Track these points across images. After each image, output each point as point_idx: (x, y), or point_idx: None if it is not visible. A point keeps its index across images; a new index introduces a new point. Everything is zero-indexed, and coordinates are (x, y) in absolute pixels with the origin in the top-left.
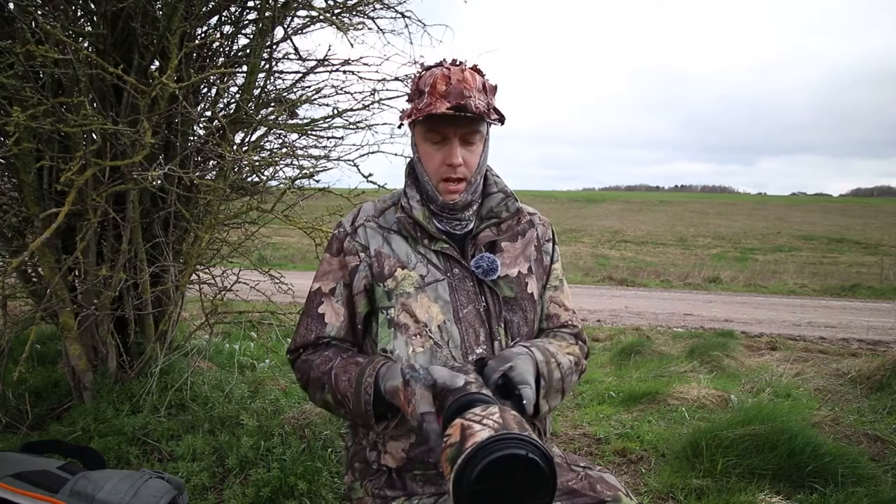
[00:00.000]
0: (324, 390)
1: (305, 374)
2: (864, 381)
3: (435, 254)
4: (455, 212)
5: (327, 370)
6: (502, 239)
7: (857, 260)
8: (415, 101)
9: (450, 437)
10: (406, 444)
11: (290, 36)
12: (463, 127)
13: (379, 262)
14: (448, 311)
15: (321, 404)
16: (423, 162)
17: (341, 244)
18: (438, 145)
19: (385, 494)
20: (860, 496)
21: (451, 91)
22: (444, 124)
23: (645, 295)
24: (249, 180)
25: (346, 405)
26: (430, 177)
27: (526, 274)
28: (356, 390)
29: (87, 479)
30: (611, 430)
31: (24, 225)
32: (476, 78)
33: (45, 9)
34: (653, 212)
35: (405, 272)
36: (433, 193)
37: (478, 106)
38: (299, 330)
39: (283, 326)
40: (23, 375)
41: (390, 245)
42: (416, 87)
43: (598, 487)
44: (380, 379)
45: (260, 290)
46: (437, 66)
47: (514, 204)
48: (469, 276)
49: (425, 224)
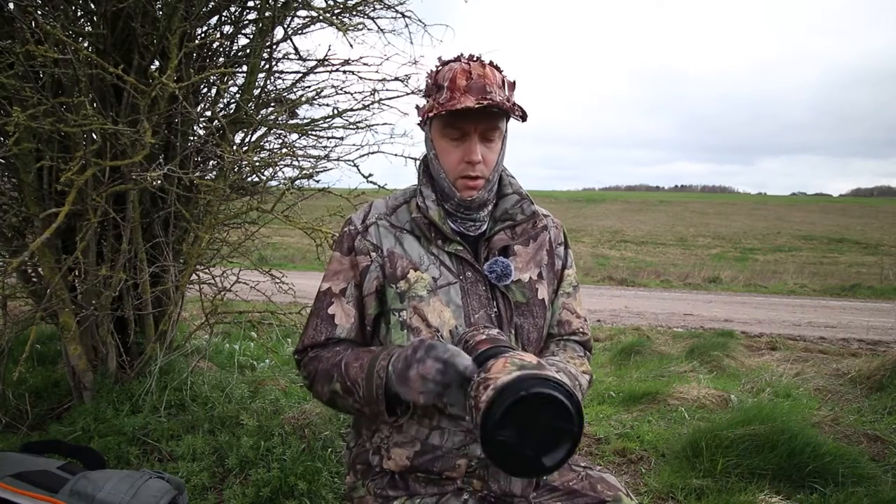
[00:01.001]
0: (332, 380)
1: (313, 369)
2: (864, 381)
3: (448, 255)
4: (470, 211)
5: (337, 361)
6: (516, 243)
7: (857, 260)
8: (433, 96)
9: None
10: (411, 451)
11: (290, 36)
12: (484, 123)
13: (391, 263)
14: (460, 316)
15: (327, 397)
16: (441, 159)
17: (352, 242)
18: (457, 142)
19: (387, 494)
20: (860, 496)
21: (472, 86)
22: (464, 120)
23: (645, 295)
24: (249, 180)
25: (355, 392)
26: (447, 174)
27: (536, 279)
28: (368, 374)
29: (87, 479)
30: (611, 430)
31: (24, 225)
32: (496, 73)
33: (44, 9)
34: (653, 212)
35: (418, 274)
36: (450, 191)
37: (503, 102)
38: (308, 330)
39: (284, 326)
40: (23, 375)
41: (402, 245)
42: (433, 82)
43: (598, 487)
44: (394, 361)
45: (260, 290)
46: (455, 61)
47: (529, 207)
48: (482, 279)
49: (440, 224)
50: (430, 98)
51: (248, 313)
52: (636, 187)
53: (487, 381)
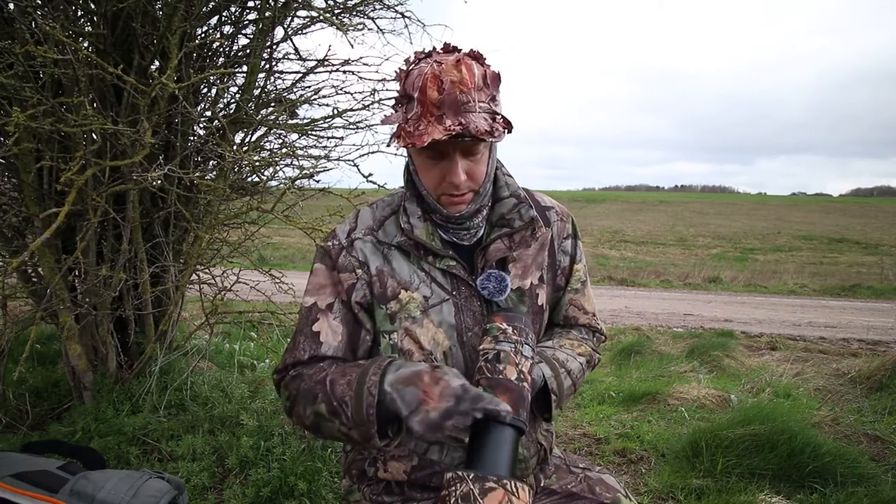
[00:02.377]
0: (315, 400)
1: (294, 389)
2: (864, 381)
3: (440, 272)
4: (462, 220)
5: (321, 378)
6: (515, 250)
7: (857, 260)
8: (403, 108)
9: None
10: (408, 465)
11: (290, 36)
12: (463, 142)
13: (381, 282)
14: (453, 336)
15: (310, 421)
16: (421, 175)
17: (336, 259)
18: (435, 161)
19: (382, 500)
20: (860, 496)
21: (445, 100)
22: (440, 142)
23: (645, 295)
24: (249, 180)
25: (342, 413)
26: (429, 191)
27: (537, 284)
28: (357, 392)
29: (87, 479)
30: (611, 430)
31: (24, 225)
32: (474, 70)
33: (44, 9)
34: (653, 212)
35: (408, 294)
36: (435, 206)
37: (478, 127)
38: (291, 349)
39: (283, 326)
40: (23, 375)
41: (391, 264)
42: (402, 90)
43: (597, 489)
44: (387, 373)
45: (260, 290)
46: (425, 59)
47: (528, 212)
48: (476, 295)
49: (429, 243)
50: (401, 109)
51: (248, 313)
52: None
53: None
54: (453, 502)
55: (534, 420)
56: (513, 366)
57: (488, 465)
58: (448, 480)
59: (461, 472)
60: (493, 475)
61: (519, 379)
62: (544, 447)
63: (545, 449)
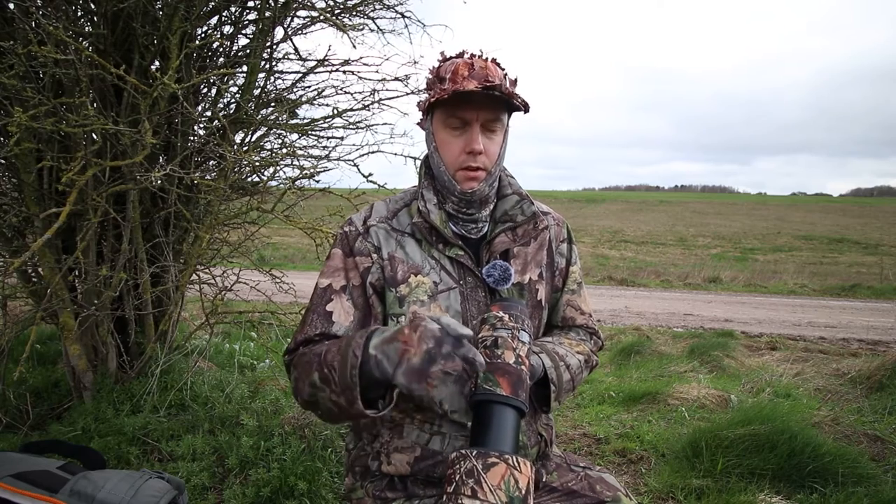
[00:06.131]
0: (311, 371)
1: (298, 367)
2: (864, 381)
3: (449, 260)
4: (472, 207)
5: (319, 350)
6: (517, 245)
7: (857, 260)
8: (435, 89)
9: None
10: (411, 457)
11: (290, 36)
12: (486, 111)
13: (392, 266)
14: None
15: (308, 393)
16: (442, 151)
17: (353, 243)
18: (459, 131)
19: (386, 496)
20: (860, 496)
21: (475, 75)
22: (466, 108)
23: (645, 295)
24: (250, 180)
25: (331, 380)
26: (447, 166)
27: (537, 280)
28: (343, 355)
29: (87, 479)
30: (611, 430)
31: (25, 225)
32: (498, 69)
33: (45, 9)
34: (653, 212)
35: (419, 278)
36: (450, 184)
37: (507, 88)
38: (302, 327)
39: (284, 326)
40: (23, 375)
41: (404, 249)
42: (435, 76)
43: (597, 488)
44: (373, 337)
45: (260, 290)
46: (458, 57)
47: (529, 207)
48: (482, 285)
49: (441, 228)
50: (432, 91)
51: (248, 313)
52: (636, 187)
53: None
54: (458, 479)
55: (534, 412)
56: (510, 350)
57: (490, 442)
58: (452, 460)
59: (464, 450)
60: (496, 451)
61: (517, 363)
62: (545, 438)
63: (545, 441)
